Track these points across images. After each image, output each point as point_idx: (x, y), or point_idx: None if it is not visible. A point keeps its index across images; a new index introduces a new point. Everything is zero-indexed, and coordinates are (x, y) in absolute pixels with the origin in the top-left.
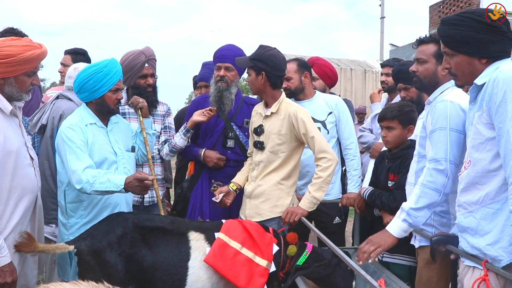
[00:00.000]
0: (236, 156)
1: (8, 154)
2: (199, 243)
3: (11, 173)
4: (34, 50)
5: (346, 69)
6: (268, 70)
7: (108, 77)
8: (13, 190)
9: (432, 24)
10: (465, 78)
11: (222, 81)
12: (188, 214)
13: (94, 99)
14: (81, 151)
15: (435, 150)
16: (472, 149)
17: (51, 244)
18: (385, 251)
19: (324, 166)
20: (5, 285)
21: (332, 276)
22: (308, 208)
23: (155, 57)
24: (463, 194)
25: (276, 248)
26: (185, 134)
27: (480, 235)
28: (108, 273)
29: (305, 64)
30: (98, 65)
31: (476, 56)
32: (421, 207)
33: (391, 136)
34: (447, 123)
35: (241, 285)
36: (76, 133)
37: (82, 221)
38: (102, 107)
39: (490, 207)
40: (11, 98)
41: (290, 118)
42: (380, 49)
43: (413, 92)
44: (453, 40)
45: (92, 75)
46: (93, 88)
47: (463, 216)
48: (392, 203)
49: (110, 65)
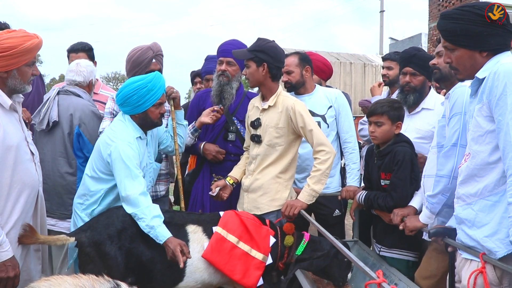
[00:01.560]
0: (237, 149)
1: (8, 149)
2: (197, 236)
3: (12, 168)
4: (33, 40)
5: (346, 63)
6: (270, 61)
7: (152, 92)
8: (13, 185)
9: (432, 17)
10: (466, 72)
11: (224, 76)
12: (189, 208)
13: (137, 113)
14: (136, 173)
15: (448, 136)
16: (471, 141)
17: (52, 236)
18: (382, 246)
19: (323, 159)
20: (8, 279)
21: (329, 266)
22: (307, 201)
23: (162, 53)
24: (462, 186)
25: (273, 240)
26: (193, 133)
27: (478, 227)
28: (108, 264)
29: (306, 58)
30: (142, 80)
31: (477, 49)
32: (435, 194)
33: (380, 132)
34: (463, 108)
35: (236, 279)
36: (134, 152)
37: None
38: (145, 122)
39: (488, 199)
40: (14, 91)
41: (288, 111)
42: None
43: (419, 80)
44: (453, 34)
45: (136, 90)
46: (137, 103)
47: (461, 208)
48: (389, 204)
49: (154, 80)
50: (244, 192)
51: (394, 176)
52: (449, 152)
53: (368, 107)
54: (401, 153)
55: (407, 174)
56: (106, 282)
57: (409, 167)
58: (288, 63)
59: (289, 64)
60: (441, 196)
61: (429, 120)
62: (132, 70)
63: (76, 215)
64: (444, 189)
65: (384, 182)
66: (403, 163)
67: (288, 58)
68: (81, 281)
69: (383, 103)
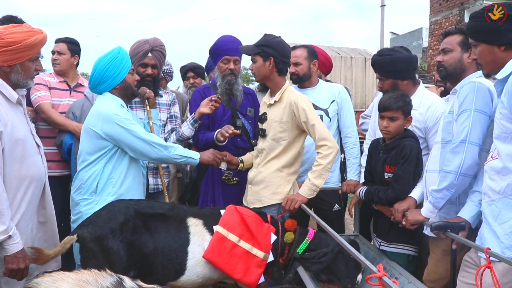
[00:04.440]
0: (244, 143)
1: (16, 142)
2: (197, 229)
3: (20, 160)
4: (37, 35)
5: (347, 57)
6: (276, 55)
7: (124, 60)
8: (23, 178)
9: (433, 11)
10: (488, 66)
11: (232, 75)
12: (200, 203)
13: (117, 85)
14: (135, 124)
15: (457, 132)
16: (496, 139)
17: (59, 245)
18: (382, 240)
19: (325, 153)
20: (18, 270)
21: (334, 264)
22: (307, 195)
23: (162, 49)
24: (488, 181)
25: (274, 237)
26: (192, 124)
27: (499, 223)
28: (111, 259)
29: (314, 52)
30: (111, 53)
31: (495, 43)
32: (440, 189)
33: (394, 127)
34: (473, 104)
35: (237, 278)
36: (124, 112)
37: (109, 197)
38: (127, 90)
39: (511, 198)
40: (16, 85)
41: (291, 106)
42: (380, 37)
43: (387, 84)
44: (474, 31)
45: (110, 62)
46: (114, 74)
47: (486, 204)
48: (390, 196)
49: (121, 51)
50: (248, 185)
51: (399, 168)
52: (458, 148)
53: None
54: (408, 147)
55: (412, 169)
56: (109, 276)
57: (415, 162)
58: (297, 55)
59: (298, 56)
60: (446, 191)
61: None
62: None
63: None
64: (450, 185)
65: (388, 175)
66: (409, 157)
67: (296, 50)
68: (84, 276)
69: (397, 98)
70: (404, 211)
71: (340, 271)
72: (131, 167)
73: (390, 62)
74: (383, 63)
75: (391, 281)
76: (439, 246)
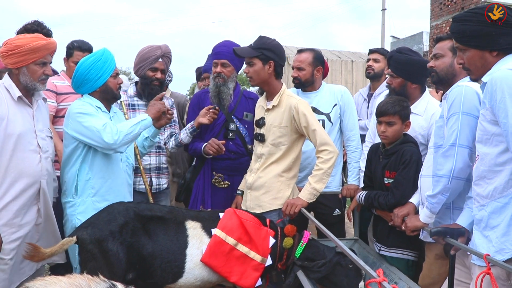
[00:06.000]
0: (237, 148)
1: (9, 137)
2: (196, 231)
3: (10, 154)
4: (40, 40)
5: (347, 61)
6: (276, 59)
7: (107, 63)
8: (10, 170)
9: (434, 16)
10: (478, 72)
11: (219, 77)
12: (190, 204)
13: (98, 87)
14: (96, 114)
15: (447, 136)
16: (479, 143)
17: (56, 245)
18: (382, 245)
19: (325, 158)
20: None
21: (333, 275)
22: (308, 199)
23: (170, 56)
24: (475, 187)
25: (273, 241)
26: (191, 132)
27: (491, 228)
28: (110, 261)
29: (320, 57)
30: (94, 55)
31: (487, 49)
32: (435, 194)
33: (391, 131)
34: (460, 107)
35: (233, 281)
36: (87, 106)
37: (89, 199)
38: (107, 93)
39: (499, 201)
40: (27, 87)
41: (291, 111)
42: (381, 41)
43: (397, 82)
44: (463, 35)
45: (92, 64)
46: (96, 76)
47: (477, 209)
48: (390, 201)
49: (105, 53)
50: (247, 190)
51: (399, 174)
52: (448, 152)
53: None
54: (408, 152)
55: (412, 174)
56: (102, 282)
57: (415, 168)
58: (301, 60)
59: (302, 60)
60: (440, 196)
61: (415, 125)
62: (138, 64)
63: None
64: (444, 189)
65: (388, 180)
66: (409, 163)
67: (302, 54)
68: (76, 280)
69: (394, 103)
70: (403, 217)
71: (342, 283)
72: (110, 166)
73: (406, 62)
74: (399, 60)
75: (391, 286)
76: (433, 250)
